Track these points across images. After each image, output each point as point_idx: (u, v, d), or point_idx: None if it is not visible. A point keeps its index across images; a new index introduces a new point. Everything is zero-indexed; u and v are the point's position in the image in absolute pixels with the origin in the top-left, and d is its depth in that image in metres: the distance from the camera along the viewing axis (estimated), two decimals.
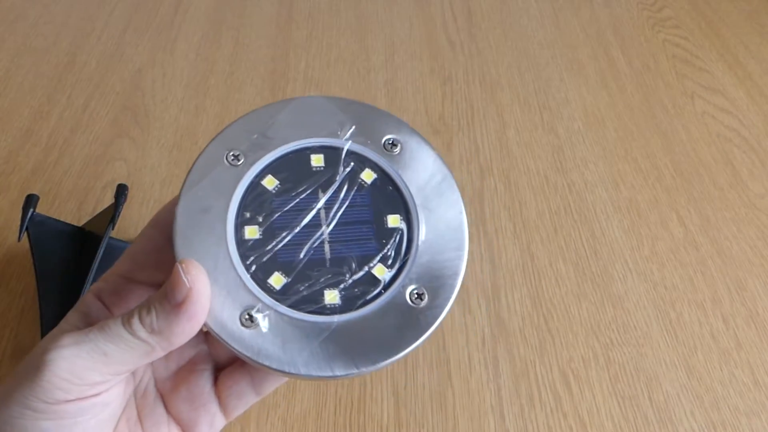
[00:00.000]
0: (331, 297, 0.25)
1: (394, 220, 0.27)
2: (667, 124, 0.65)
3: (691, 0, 0.82)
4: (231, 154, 0.27)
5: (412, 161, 0.28)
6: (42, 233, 0.43)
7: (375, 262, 0.26)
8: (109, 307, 0.27)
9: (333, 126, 0.28)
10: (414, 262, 0.26)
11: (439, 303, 0.26)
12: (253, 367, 0.26)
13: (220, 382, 0.28)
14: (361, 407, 0.43)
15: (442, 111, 0.65)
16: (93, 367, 0.23)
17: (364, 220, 0.27)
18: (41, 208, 0.52)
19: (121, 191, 0.43)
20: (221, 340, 0.24)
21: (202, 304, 0.23)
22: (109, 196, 0.54)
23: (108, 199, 0.54)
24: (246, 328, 0.24)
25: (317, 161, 0.27)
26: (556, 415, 0.43)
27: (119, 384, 0.25)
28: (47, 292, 0.43)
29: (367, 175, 0.27)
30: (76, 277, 0.43)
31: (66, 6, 0.75)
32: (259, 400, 0.29)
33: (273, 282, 0.25)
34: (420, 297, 0.26)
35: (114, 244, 0.44)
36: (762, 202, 0.58)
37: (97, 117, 0.62)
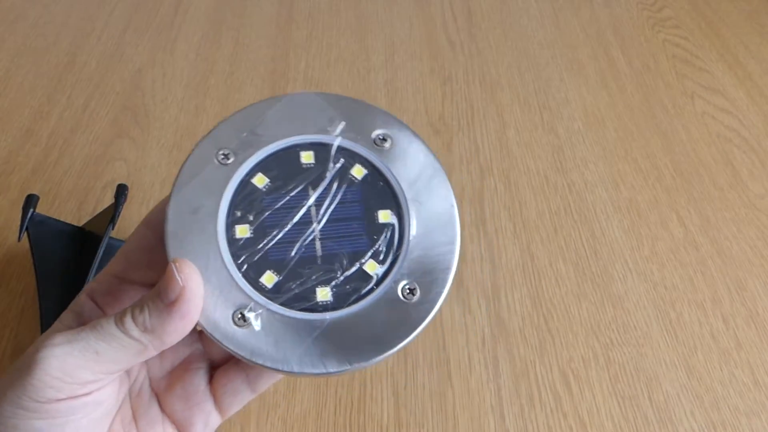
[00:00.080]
0: (323, 294, 0.25)
1: (385, 216, 0.27)
2: (667, 124, 0.65)
3: (691, 0, 0.82)
4: (221, 153, 0.27)
5: (403, 156, 0.28)
6: (42, 233, 0.43)
7: (366, 258, 0.26)
8: (102, 307, 0.27)
9: (323, 122, 0.28)
10: (405, 258, 0.26)
11: (431, 298, 0.26)
12: (247, 364, 0.26)
13: (216, 380, 0.28)
14: (361, 407, 0.43)
15: (442, 111, 0.65)
16: (84, 366, 0.23)
17: (355, 216, 0.27)
18: (41, 208, 0.52)
19: (121, 191, 0.43)
20: (214, 339, 0.24)
21: (195, 302, 0.23)
22: (109, 196, 0.54)
23: (108, 199, 0.54)
24: (239, 327, 0.24)
25: (307, 158, 0.27)
26: (556, 415, 0.43)
27: (112, 383, 0.25)
28: (47, 292, 0.43)
29: (358, 171, 0.27)
30: (76, 277, 0.43)
31: (66, 6, 0.75)
32: (255, 398, 0.29)
33: (265, 281, 0.25)
34: (412, 292, 0.26)
35: (114, 244, 0.44)
36: (762, 202, 0.58)
37: (97, 117, 0.62)
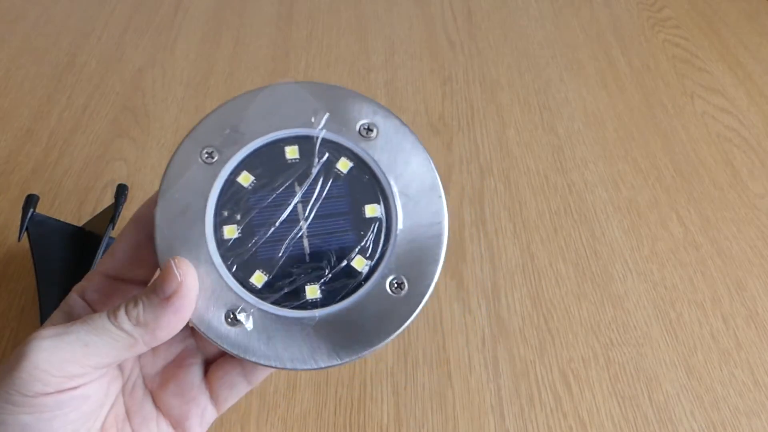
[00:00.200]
0: (312, 292, 0.26)
1: (371, 210, 0.27)
2: (667, 124, 0.65)
3: (691, 0, 0.82)
4: (205, 151, 0.26)
5: (390, 146, 0.27)
6: (42, 233, 0.43)
7: (354, 254, 0.26)
8: (92, 305, 0.27)
9: (306, 114, 0.27)
10: (393, 252, 0.26)
11: (419, 291, 0.26)
12: None
13: (211, 374, 0.28)
14: (361, 407, 0.43)
15: (442, 111, 0.65)
16: (72, 359, 0.23)
17: (342, 211, 0.26)
18: (41, 208, 0.52)
19: (121, 191, 0.43)
20: (208, 338, 0.25)
21: (190, 299, 0.24)
22: (109, 196, 0.54)
23: (108, 199, 0.54)
24: (231, 326, 0.25)
25: (292, 153, 0.27)
26: (556, 415, 0.43)
27: (101, 378, 0.25)
28: (47, 292, 0.43)
29: (343, 165, 0.27)
30: (76, 277, 0.43)
31: (66, 6, 0.75)
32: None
33: (254, 280, 0.26)
34: (400, 286, 0.26)
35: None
36: (762, 202, 0.58)
37: (97, 117, 0.62)
